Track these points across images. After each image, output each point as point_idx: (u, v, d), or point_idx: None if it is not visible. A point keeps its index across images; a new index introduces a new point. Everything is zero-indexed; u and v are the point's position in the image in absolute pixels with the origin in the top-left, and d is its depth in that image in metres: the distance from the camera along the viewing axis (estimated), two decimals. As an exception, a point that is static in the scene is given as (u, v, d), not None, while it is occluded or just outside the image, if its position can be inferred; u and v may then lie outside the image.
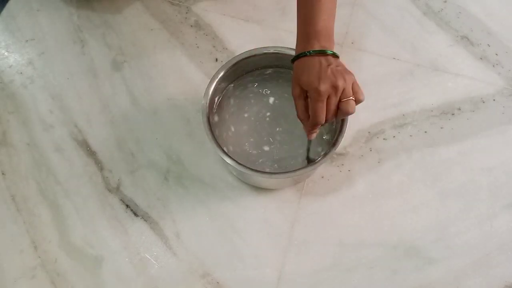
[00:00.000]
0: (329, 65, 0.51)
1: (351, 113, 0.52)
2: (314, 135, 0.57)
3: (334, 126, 0.66)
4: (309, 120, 0.54)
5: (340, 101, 0.52)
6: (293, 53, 0.64)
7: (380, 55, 0.79)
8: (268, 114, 0.68)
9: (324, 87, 0.50)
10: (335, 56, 0.53)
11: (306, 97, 0.54)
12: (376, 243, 0.67)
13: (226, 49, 0.80)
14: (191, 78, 0.78)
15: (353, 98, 0.52)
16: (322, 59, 0.52)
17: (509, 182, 0.70)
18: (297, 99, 0.55)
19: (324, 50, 0.52)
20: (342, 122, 0.60)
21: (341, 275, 0.65)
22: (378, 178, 0.71)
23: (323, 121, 0.53)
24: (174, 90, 0.77)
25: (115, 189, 0.71)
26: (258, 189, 0.70)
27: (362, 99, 0.53)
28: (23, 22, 0.83)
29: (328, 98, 0.52)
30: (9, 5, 0.84)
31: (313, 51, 0.52)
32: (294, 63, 0.55)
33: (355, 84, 0.52)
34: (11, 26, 0.83)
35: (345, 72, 0.52)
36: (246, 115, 0.68)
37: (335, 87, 0.51)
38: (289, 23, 0.81)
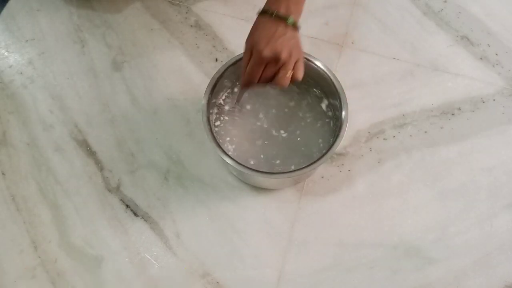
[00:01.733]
0: (283, 35, 0.52)
1: (283, 87, 0.54)
2: (246, 88, 0.59)
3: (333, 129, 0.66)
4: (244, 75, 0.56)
5: (278, 71, 0.53)
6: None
7: (380, 55, 0.79)
8: (268, 113, 0.68)
9: (267, 53, 0.52)
10: (295, 26, 0.54)
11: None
12: (376, 243, 0.67)
13: (226, 49, 0.80)
14: (191, 78, 0.78)
15: (290, 74, 0.53)
16: (280, 27, 0.53)
17: (509, 182, 0.70)
18: (246, 51, 0.56)
19: (286, 17, 0.52)
20: (342, 122, 0.60)
21: (341, 275, 0.65)
22: (378, 178, 0.71)
23: (255, 82, 0.55)
24: (174, 90, 0.77)
25: (115, 189, 0.71)
26: (258, 189, 0.70)
27: (299, 78, 0.54)
28: (23, 22, 0.83)
29: (267, 64, 0.53)
30: (9, 5, 0.84)
31: (275, 14, 0.53)
32: (257, 17, 0.55)
33: (299, 62, 0.54)
34: (11, 26, 0.83)
35: (294, 47, 0.53)
36: (246, 114, 0.68)
37: (276, 58, 0.52)
38: (289, 23, 0.81)
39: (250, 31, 0.56)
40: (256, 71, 0.54)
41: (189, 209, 0.69)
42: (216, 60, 0.79)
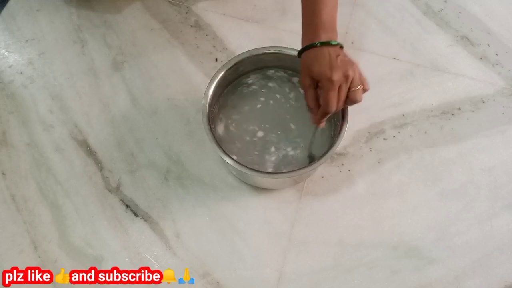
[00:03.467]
0: (338, 55, 0.53)
1: (359, 101, 0.54)
2: (323, 124, 0.58)
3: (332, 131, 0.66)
4: (319, 109, 0.56)
5: (349, 90, 0.54)
6: (293, 52, 0.65)
7: (380, 55, 0.79)
8: (267, 113, 0.68)
9: (337, 76, 0.52)
10: (341, 46, 0.55)
11: (315, 87, 0.55)
12: (376, 243, 0.67)
13: (226, 49, 0.80)
14: (191, 78, 0.78)
15: (361, 87, 0.54)
16: (331, 50, 0.54)
17: (509, 182, 0.70)
18: (307, 89, 0.56)
19: (330, 42, 0.54)
20: (342, 122, 0.60)
21: (341, 275, 0.65)
22: (378, 178, 0.71)
23: (334, 110, 0.54)
24: (174, 90, 0.77)
25: (115, 189, 0.71)
26: (258, 189, 0.70)
27: (368, 88, 0.55)
28: (23, 22, 0.83)
29: (340, 87, 0.53)
30: (9, 5, 0.84)
31: (320, 42, 0.54)
32: (302, 55, 0.56)
33: (361, 74, 0.55)
34: (11, 26, 0.83)
35: (352, 62, 0.54)
36: (246, 115, 0.68)
37: (346, 77, 0.53)
38: (289, 23, 0.81)
39: (304, 69, 0.56)
40: (334, 97, 0.54)
41: (189, 209, 0.69)
42: (216, 60, 0.79)
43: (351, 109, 0.61)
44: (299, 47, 0.58)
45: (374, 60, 0.79)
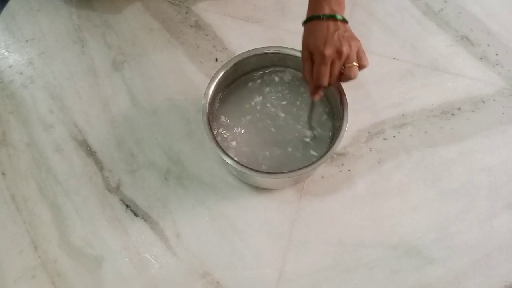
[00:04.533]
0: (336, 30, 0.53)
1: (353, 78, 0.54)
2: (317, 97, 0.59)
3: (332, 133, 0.66)
4: (312, 82, 0.56)
5: (344, 66, 0.54)
6: (293, 53, 0.65)
7: (380, 55, 0.79)
8: (267, 114, 0.68)
9: (329, 51, 0.52)
10: (344, 21, 0.54)
11: (312, 59, 0.55)
12: (376, 243, 0.67)
13: (226, 49, 0.80)
14: (191, 78, 0.78)
15: (357, 64, 0.54)
16: (331, 24, 0.53)
17: (509, 182, 0.70)
18: (304, 61, 0.56)
19: (333, 15, 0.53)
20: (342, 122, 0.60)
21: (341, 275, 0.65)
22: (378, 178, 0.71)
23: (326, 84, 0.55)
24: (174, 90, 0.77)
25: (115, 189, 0.71)
26: (258, 189, 0.70)
27: (366, 65, 0.55)
28: (23, 22, 0.83)
29: (332, 62, 0.53)
30: (9, 5, 0.84)
31: (323, 15, 0.54)
32: (304, 26, 0.56)
33: (360, 50, 0.54)
34: (11, 26, 0.83)
35: (351, 38, 0.54)
36: (245, 114, 0.68)
37: (339, 52, 0.52)
38: (289, 23, 0.81)
39: (303, 41, 0.56)
40: (324, 72, 0.54)
41: (189, 209, 0.69)
42: (216, 60, 0.79)
43: (351, 109, 0.61)
44: (300, 47, 0.58)
45: (374, 60, 0.79)
